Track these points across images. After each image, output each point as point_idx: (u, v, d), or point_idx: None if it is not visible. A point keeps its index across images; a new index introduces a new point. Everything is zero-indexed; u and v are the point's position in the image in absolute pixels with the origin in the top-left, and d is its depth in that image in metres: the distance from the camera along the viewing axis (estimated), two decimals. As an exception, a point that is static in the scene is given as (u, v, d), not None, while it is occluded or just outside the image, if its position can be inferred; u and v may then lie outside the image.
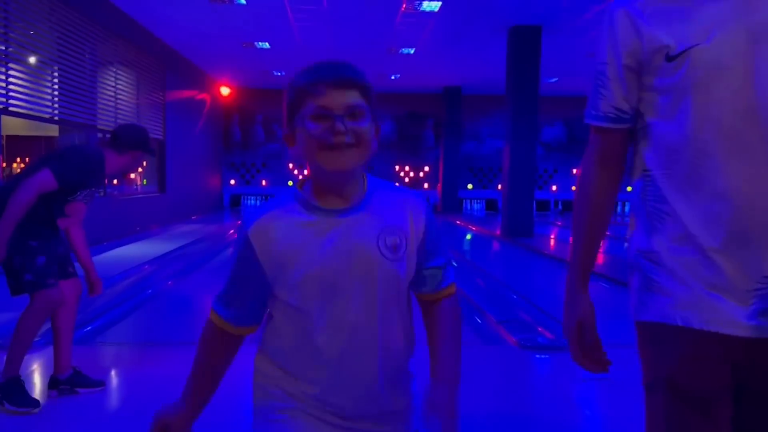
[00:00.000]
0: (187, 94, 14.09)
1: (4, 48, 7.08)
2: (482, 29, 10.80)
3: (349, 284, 1.17)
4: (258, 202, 17.90)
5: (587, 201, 1.32)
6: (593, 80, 1.30)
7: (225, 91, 17.49)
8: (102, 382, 3.23)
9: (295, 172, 18.37)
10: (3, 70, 7.03)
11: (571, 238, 1.39)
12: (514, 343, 4.19)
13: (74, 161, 2.98)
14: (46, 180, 2.87)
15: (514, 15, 10.04)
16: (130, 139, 3.18)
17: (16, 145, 11.51)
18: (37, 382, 3.32)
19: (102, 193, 10.22)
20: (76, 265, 3.25)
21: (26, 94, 7.53)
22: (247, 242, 1.17)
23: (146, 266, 7.31)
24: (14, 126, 9.52)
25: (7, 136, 10.60)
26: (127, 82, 10.66)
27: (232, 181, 18.52)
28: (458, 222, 14.70)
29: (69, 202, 3.06)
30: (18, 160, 11.93)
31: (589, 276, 1.36)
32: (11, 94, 7.14)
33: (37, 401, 2.93)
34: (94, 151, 3.13)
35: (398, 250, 1.19)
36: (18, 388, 2.91)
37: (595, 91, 1.30)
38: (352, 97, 1.14)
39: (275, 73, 15.59)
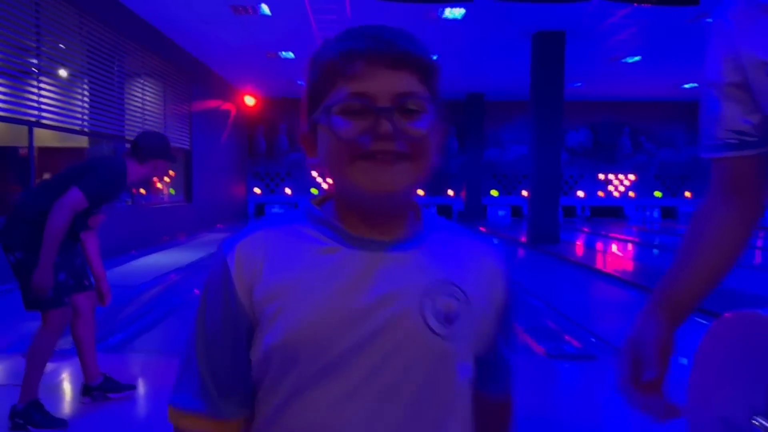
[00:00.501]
0: (212, 104, 14.27)
1: (36, 62, 7.25)
2: (506, 36, 10.77)
3: (369, 364, 0.74)
4: (282, 210, 18.00)
5: (704, 240, 1.11)
6: (703, 106, 1.10)
7: (250, 101, 17.67)
8: (132, 386, 3.27)
9: (319, 179, 18.45)
10: (35, 83, 7.20)
11: (671, 267, 1.17)
12: (542, 352, 4.14)
13: (101, 176, 2.97)
14: (77, 200, 2.87)
15: (538, 21, 9.99)
16: (151, 148, 3.17)
17: (47, 156, 11.75)
18: (68, 390, 3.37)
19: (130, 202, 10.40)
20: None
21: (57, 107, 7.69)
22: (224, 273, 0.78)
23: (173, 275, 7.40)
24: (45, 138, 9.72)
25: (38, 147, 10.84)
26: (154, 94, 10.84)
27: (257, 190, 18.68)
28: (482, 229, 14.61)
29: (93, 215, 3.09)
30: (49, 172, 12.15)
31: (684, 314, 1.12)
32: (43, 107, 7.30)
33: (63, 421, 2.88)
34: (117, 163, 3.13)
35: (452, 321, 0.76)
36: (39, 411, 2.87)
37: (707, 117, 1.09)
38: (407, 81, 0.76)
39: (299, 83, 15.72)
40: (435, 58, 0.82)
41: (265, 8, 9.22)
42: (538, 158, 10.91)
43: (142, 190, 11.04)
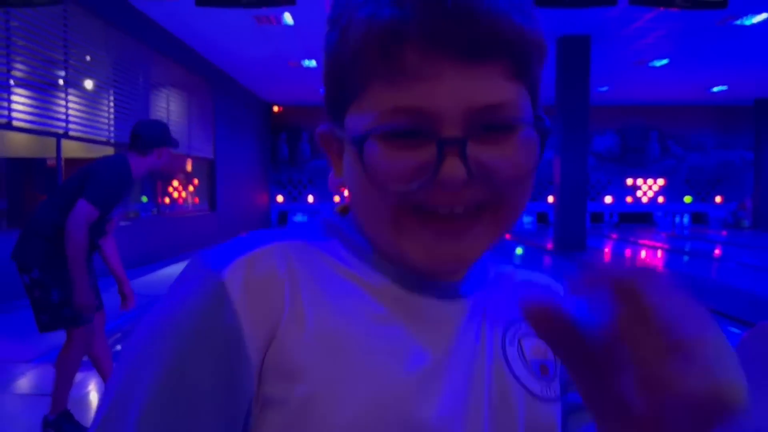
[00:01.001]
0: (235, 113, 14.36)
1: (63, 74, 7.34)
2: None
3: None
4: (305, 219, 18.03)
5: None
6: None
7: (274, 108, 17.81)
8: None
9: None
10: (62, 96, 7.28)
11: None
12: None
13: (105, 181, 2.85)
14: (88, 212, 2.78)
15: (562, 25, 9.88)
16: (151, 137, 3.01)
17: (74, 167, 11.91)
18: (94, 400, 3.36)
19: (155, 212, 10.48)
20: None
21: (84, 119, 7.77)
22: (218, 309, 0.47)
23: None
24: (72, 149, 9.84)
25: (65, 158, 10.99)
26: (178, 104, 10.93)
27: (280, 198, 18.74)
28: (507, 236, 14.43)
29: (107, 221, 3.00)
30: None
31: None
32: (70, 119, 7.38)
33: None
34: (118, 162, 2.99)
35: (549, 369, 0.57)
36: (70, 421, 2.90)
37: None
38: (494, 83, 0.47)
39: (323, 91, 15.74)
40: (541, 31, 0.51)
41: (288, 18, 9.25)
42: (565, 164, 10.75)
43: (166, 200, 11.12)
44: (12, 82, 6.44)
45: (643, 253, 11.80)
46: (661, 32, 10.07)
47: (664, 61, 12.29)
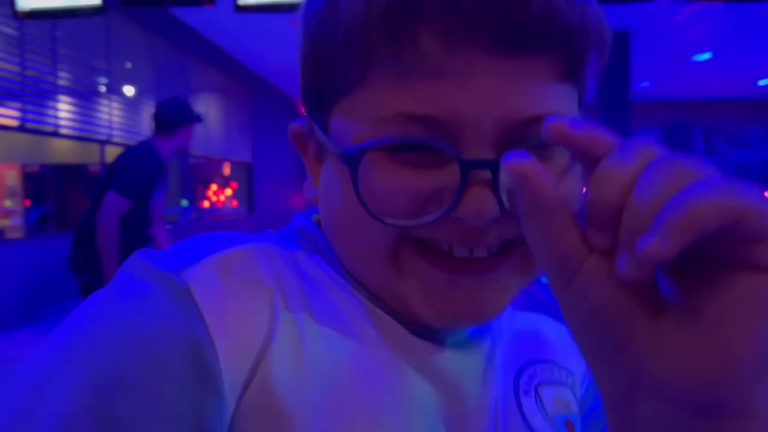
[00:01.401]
0: (273, 117, 14.55)
1: (106, 81, 7.54)
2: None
3: None
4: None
5: None
6: None
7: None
8: None
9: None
10: (106, 102, 7.48)
11: None
12: None
13: (130, 171, 2.82)
14: (116, 203, 2.74)
15: (600, 21, 9.73)
16: (173, 118, 2.96)
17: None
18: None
19: (195, 215, 10.67)
20: None
21: (126, 125, 7.97)
22: (179, 317, 0.31)
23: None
24: (113, 154, 10.11)
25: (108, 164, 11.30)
26: (216, 109, 11.12)
27: (318, 200, 19.04)
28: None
29: (150, 208, 2.97)
30: None
31: None
32: (114, 125, 7.58)
33: None
34: (143, 149, 2.97)
35: (574, 429, 0.46)
36: None
37: None
38: (535, 86, 0.36)
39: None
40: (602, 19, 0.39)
41: None
42: (604, 162, 10.61)
43: (206, 203, 11.31)
44: (58, 90, 6.66)
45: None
46: (703, 26, 9.85)
47: (707, 55, 11.97)
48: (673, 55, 11.92)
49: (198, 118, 3.12)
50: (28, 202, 9.06)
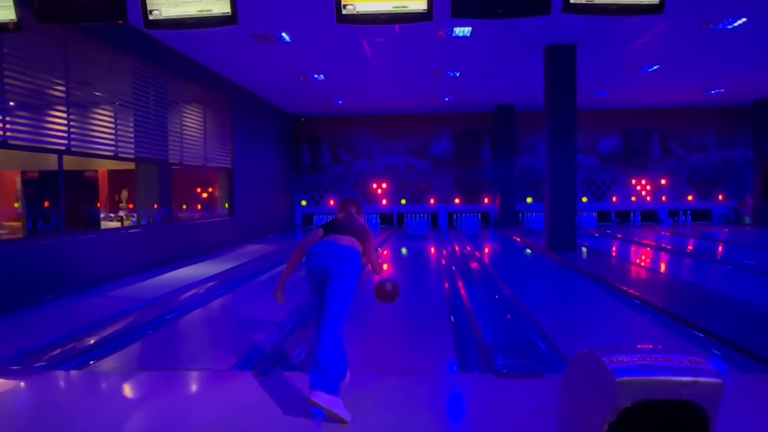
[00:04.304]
0: (252, 124, 15.30)
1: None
2: (517, 49, 11.23)
3: None
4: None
5: None
6: None
7: (301, 119, 19.23)
8: None
9: (360, 190, 19.47)
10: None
11: None
12: (492, 371, 3.97)
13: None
14: None
15: (547, 35, 10.40)
16: None
17: (116, 177, 12.86)
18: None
19: (171, 218, 11.42)
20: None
21: (113, 138, 8.66)
22: None
23: (209, 282, 8.28)
24: (105, 163, 10.76)
25: (108, 171, 12.19)
26: (195, 118, 11.82)
27: (303, 202, 19.89)
28: (516, 238, 14.98)
29: None
30: (117, 190, 13.16)
31: None
32: (103, 140, 8.32)
33: None
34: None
35: None
36: None
37: None
38: None
39: (336, 101, 16.63)
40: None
41: (286, 36, 9.81)
42: (553, 167, 11.35)
43: (183, 205, 12.04)
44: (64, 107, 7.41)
45: (641, 255, 12.24)
46: (645, 39, 10.45)
47: (654, 67, 12.71)
48: (622, 66, 12.59)
49: None
50: None
